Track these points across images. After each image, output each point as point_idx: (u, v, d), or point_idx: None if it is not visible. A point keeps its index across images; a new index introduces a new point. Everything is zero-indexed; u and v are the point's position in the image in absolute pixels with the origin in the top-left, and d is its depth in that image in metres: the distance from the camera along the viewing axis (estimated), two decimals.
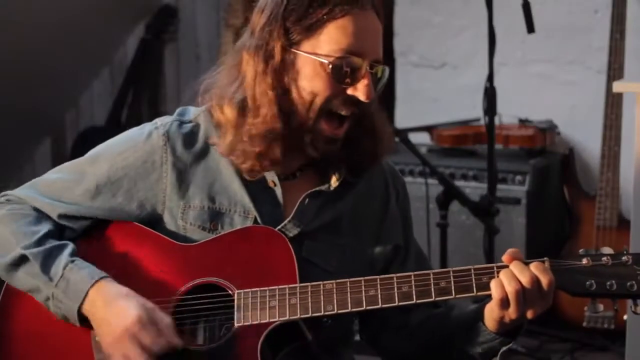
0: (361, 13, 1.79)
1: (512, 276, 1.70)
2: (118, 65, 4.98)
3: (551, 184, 4.11)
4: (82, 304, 1.79)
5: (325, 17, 1.77)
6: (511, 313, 1.71)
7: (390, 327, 1.95)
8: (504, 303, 1.70)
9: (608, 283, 1.69)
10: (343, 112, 1.81)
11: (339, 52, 1.78)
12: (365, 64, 1.79)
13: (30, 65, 4.38)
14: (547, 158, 4.13)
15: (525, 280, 1.69)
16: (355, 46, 1.78)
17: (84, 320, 1.80)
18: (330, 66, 1.77)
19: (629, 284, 1.68)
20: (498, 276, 1.71)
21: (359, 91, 1.79)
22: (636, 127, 2.57)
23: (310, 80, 1.79)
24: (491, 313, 1.75)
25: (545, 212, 4.07)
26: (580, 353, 3.78)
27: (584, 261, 1.70)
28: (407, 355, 1.99)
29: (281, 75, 1.80)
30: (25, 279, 1.83)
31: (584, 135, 4.24)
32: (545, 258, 1.72)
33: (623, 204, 3.89)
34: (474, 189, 3.93)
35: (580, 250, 1.72)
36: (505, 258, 1.73)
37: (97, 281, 1.79)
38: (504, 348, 1.81)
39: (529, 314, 1.72)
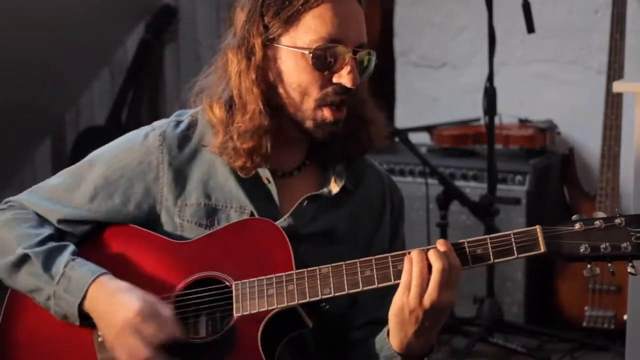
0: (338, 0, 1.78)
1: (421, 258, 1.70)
2: (118, 65, 4.98)
3: (551, 184, 4.10)
4: (83, 300, 1.79)
5: (301, 7, 1.77)
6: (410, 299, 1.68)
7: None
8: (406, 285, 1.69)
9: (602, 246, 1.67)
10: (336, 100, 1.80)
11: (319, 41, 1.77)
12: (347, 50, 1.78)
13: (30, 65, 4.38)
14: (547, 158, 4.12)
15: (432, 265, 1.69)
16: (335, 33, 1.77)
17: (85, 319, 1.81)
18: (312, 56, 1.77)
19: (623, 245, 1.66)
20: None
21: (344, 78, 1.78)
22: (636, 127, 2.57)
23: (295, 75, 1.79)
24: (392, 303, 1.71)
25: (545, 212, 4.06)
26: (580, 353, 3.77)
27: (577, 226, 1.68)
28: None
29: (264, 71, 1.81)
30: (26, 279, 1.84)
31: (584, 135, 4.24)
32: (537, 225, 1.70)
33: (623, 204, 3.89)
34: (474, 189, 3.93)
35: (574, 217, 1.71)
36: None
37: (97, 277, 1.80)
38: None
39: (427, 303, 1.68)
